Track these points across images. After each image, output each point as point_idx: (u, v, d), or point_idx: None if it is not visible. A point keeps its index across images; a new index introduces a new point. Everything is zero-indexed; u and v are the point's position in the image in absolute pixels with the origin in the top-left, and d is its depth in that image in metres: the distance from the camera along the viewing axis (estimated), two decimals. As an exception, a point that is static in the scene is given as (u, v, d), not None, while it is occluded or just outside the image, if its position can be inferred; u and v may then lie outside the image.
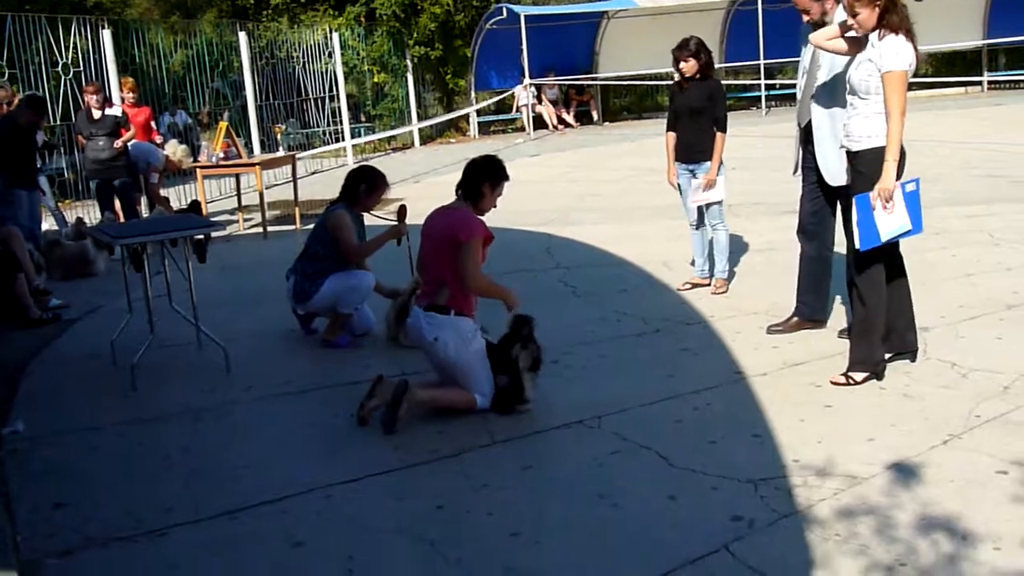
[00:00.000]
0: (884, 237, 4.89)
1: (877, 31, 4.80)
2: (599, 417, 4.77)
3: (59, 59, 12.78)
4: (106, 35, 13.04)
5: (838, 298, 6.29)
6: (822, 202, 5.81)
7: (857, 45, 5.01)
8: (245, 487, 4.22)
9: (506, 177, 5.15)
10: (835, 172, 5.50)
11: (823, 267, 6.00)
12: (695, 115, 6.98)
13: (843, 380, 5.07)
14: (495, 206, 5.15)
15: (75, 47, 12.93)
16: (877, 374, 5.09)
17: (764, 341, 5.86)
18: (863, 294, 5.07)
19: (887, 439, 4.29)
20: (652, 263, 8.10)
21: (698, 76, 6.93)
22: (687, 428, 4.62)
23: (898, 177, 4.87)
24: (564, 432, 4.68)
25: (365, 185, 6.37)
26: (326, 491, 4.12)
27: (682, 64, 6.94)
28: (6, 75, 12.22)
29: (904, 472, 3.96)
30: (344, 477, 4.25)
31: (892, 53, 4.73)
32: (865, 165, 4.94)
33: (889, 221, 4.87)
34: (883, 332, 5.15)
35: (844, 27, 5.06)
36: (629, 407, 4.90)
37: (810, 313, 6.05)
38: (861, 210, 4.89)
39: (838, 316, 6.15)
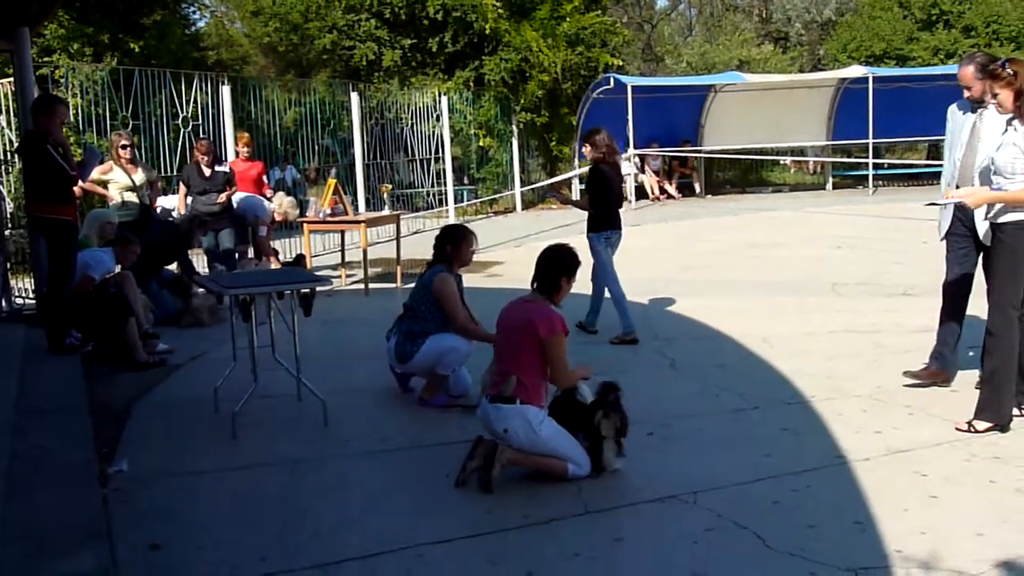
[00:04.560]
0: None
1: (1018, 118, 5.07)
2: (694, 493, 4.68)
3: (180, 112, 13.30)
4: (225, 91, 13.55)
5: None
6: (970, 265, 6.05)
7: None
8: (338, 540, 4.24)
9: (579, 264, 5.19)
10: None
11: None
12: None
13: (965, 427, 5.41)
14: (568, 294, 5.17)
15: (195, 101, 13.45)
16: (1002, 427, 5.36)
17: (867, 425, 5.71)
18: (993, 347, 5.34)
19: (997, 535, 4.12)
20: (751, 338, 7.99)
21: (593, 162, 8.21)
22: (785, 510, 4.51)
23: None
24: (658, 506, 4.60)
25: (450, 244, 6.45)
26: (418, 550, 4.12)
27: None
28: (130, 126, 12.75)
29: (1015, 572, 3.79)
30: (436, 537, 4.25)
31: None
32: (1008, 235, 5.27)
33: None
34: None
35: None
36: (725, 485, 4.80)
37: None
38: None
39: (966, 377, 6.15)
